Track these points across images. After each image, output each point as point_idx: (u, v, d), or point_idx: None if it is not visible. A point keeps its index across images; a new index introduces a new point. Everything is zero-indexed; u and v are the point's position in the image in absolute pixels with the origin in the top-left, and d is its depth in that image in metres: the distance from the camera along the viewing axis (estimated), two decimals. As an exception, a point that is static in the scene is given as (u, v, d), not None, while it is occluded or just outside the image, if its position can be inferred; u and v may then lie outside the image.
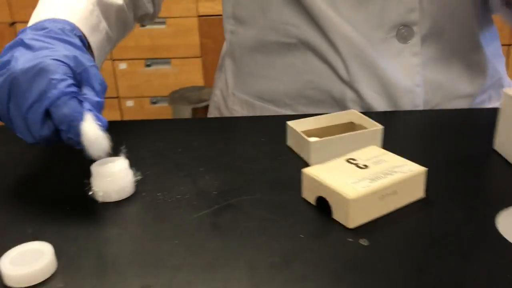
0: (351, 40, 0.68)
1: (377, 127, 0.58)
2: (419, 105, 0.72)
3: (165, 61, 2.39)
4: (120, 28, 0.70)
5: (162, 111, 2.46)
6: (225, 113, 0.84)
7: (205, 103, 2.23)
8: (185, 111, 2.22)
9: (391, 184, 0.46)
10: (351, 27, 0.68)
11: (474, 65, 0.74)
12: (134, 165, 0.53)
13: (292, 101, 0.76)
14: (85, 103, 0.47)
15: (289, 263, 0.41)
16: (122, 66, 2.39)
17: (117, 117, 2.48)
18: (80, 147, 0.48)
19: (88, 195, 0.51)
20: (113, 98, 2.44)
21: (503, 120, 0.56)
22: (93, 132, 0.47)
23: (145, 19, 0.79)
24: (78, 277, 0.41)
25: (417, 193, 0.49)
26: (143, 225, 0.47)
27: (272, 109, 0.77)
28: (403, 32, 0.68)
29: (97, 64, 0.58)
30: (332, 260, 0.41)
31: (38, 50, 0.49)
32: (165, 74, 2.40)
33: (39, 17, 0.55)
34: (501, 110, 0.57)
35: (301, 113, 0.74)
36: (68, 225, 0.47)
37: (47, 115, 0.47)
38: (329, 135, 0.61)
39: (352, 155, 0.51)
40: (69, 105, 0.46)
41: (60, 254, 0.43)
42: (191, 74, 2.40)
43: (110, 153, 0.49)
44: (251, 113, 0.79)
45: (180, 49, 2.36)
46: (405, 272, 0.40)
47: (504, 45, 2.07)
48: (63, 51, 0.49)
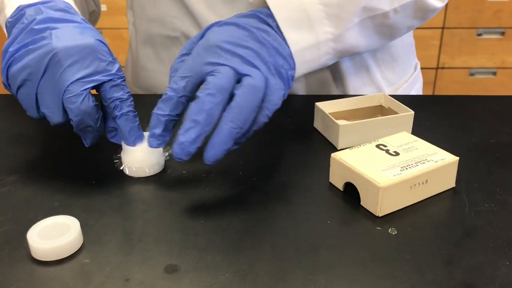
0: None
1: (409, 112, 0.56)
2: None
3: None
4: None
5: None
6: None
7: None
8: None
9: (422, 173, 0.45)
10: None
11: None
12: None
13: None
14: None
15: (315, 250, 0.41)
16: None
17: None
18: (113, 138, 0.50)
19: (115, 170, 0.51)
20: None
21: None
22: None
23: (93, 15, 0.79)
24: (104, 253, 0.41)
25: (448, 182, 0.48)
26: (169, 203, 0.47)
27: None
28: None
29: None
30: (359, 248, 0.41)
31: (75, 28, 0.48)
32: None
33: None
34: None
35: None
36: (94, 199, 0.47)
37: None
38: (357, 117, 0.60)
39: (382, 141, 0.50)
40: (120, 88, 0.48)
41: (86, 228, 0.43)
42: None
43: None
44: None
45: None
46: (434, 264, 0.39)
47: (436, 28, 1.98)
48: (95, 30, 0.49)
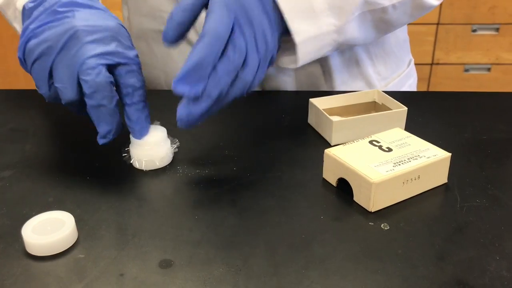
0: None
1: (402, 108, 0.57)
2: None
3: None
4: None
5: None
6: None
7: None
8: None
9: (415, 169, 0.45)
10: None
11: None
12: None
13: None
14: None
15: (308, 245, 0.41)
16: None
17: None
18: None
19: (110, 165, 0.52)
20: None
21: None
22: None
23: None
24: (98, 248, 0.41)
25: (441, 178, 0.48)
26: (163, 199, 0.47)
27: None
28: None
29: None
30: (352, 243, 0.41)
31: (99, 12, 0.49)
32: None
33: None
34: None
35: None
36: (88, 195, 0.47)
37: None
38: (350, 113, 0.60)
39: (375, 137, 0.50)
40: (135, 75, 0.48)
41: (80, 224, 0.43)
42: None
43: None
44: None
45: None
46: (426, 259, 0.40)
47: (431, 24, 1.98)
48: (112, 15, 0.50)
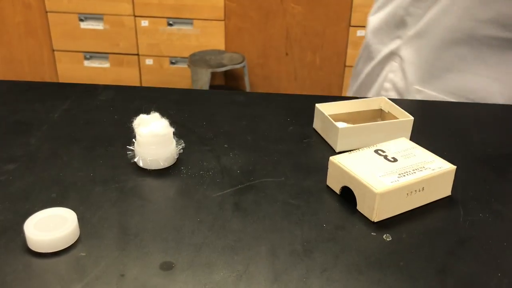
0: None
1: (408, 117, 0.57)
2: None
3: (187, 21, 2.35)
4: None
5: (180, 72, 2.45)
6: None
7: (224, 68, 2.21)
8: (204, 75, 2.20)
9: (419, 181, 0.45)
10: None
11: None
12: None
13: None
14: None
15: (310, 253, 0.41)
16: (144, 23, 2.36)
17: (136, 74, 2.46)
18: None
19: (113, 163, 0.51)
20: (133, 55, 2.42)
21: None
22: None
23: None
24: (100, 247, 0.41)
25: (444, 191, 0.48)
26: (166, 199, 0.47)
27: None
28: None
29: None
30: (353, 253, 0.41)
31: None
32: (187, 35, 2.37)
33: None
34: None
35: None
36: (91, 192, 0.47)
37: None
38: (356, 120, 0.60)
39: (381, 146, 0.50)
40: None
41: (82, 221, 0.43)
42: (212, 37, 2.37)
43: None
44: None
45: (203, 10, 2.32)
46: (427, 272, 0.40)
47: None
48: None
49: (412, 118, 0.57)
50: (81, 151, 0.54)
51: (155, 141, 0.50)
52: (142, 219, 0.44)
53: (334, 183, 0.48)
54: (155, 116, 0.51)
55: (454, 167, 0.48)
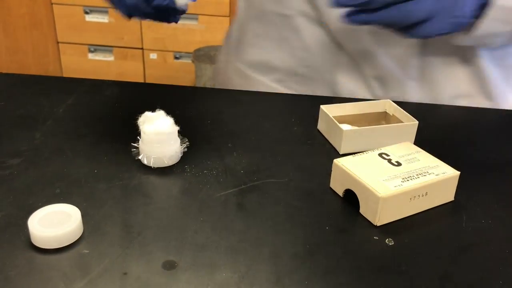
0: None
1: (413, 121, 0.56)
2: (408, 99, 0.70)
3: (192, 16, 2.35)
4: None
5: (184, 67, 2.44)
6: (224, 80, 0.82)
7: (228, 64, 2.20)
8: (208, 70, 2.20)
9: (423, 185, 0.45)
10: None
11: None
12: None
13: (286, 77, 0.74)
14: None
15: (312, 255, 0.41)
16: (149, 17, 2.36)
17: (139, 68, 2.46)
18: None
19: (118, 160, 0.52)
20: (138, 49, 2.42)
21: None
22: None
23: None
24: (103, 245, 0.41)
25: (448, 196, 0.48)
26: (170, 198, 0.47)
27: (266, 83, 0.75)
28: None
29: None
30: (356, 257, 0.41)
31: None
32: (191, 30, 2.37)
33: None
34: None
35: (294, 92, 0.73)
36: (95, 189, 0.47)
37: None
38: (361, 122, 0.60)
39: (385, 150, 0.50)
40: None
41: (86, 218, 0.43)
42: (217, 32, 2.36)
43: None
44: (244, 86, 0.77)
45: (209, 6, 2.31)
46: (429, 278, 0.40)
47: None
48: None
49: (416, 122, 0.57)
50: (85, 147, 0.54)
51: (160, 139, 0.50)
52: (145, 217, 0.44)
53: (337, 185, 0.49)
54: (160, 114, 0.51)
55: (458, 172, 0.48)
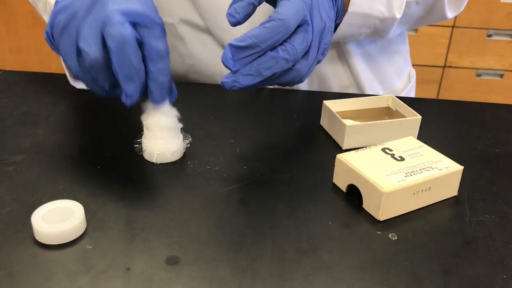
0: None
1: (416, 116, 0.56)
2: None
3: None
4: None
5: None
6: None
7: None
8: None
9: (426, 180, 0.45)
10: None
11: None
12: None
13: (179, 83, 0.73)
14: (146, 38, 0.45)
15: (315, 250, 0.41)
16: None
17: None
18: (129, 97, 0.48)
19: (121, 155, 0.52)
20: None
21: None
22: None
23: None
24: (106, 240, 0.41)
25: (451, 191, 0.48)
26: (173, 193, 0.47)
27: None
28: None
29: None
30: (359, 252, 0.41)
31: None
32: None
33: None
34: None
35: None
36: (98, 185, 0.47)
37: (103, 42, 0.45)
38: (364, 117, 0.60)
39: (388, 145, 0.50)
40: (163, 38, 0.45)
41: (89, 214, 0.43)
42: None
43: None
44: None
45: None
46: (432, 272, 0.40)
47: (446, 26, 1.94)
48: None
49: (420, 116, 0.56)
50: (88, 143, 0.54)
51: (163, 135, 0.50)
52: (148, 213, 0.44)
53: (340, 181, 0.48)
54: (163, 109, 0.51)
55: (461, 167, 0.48)
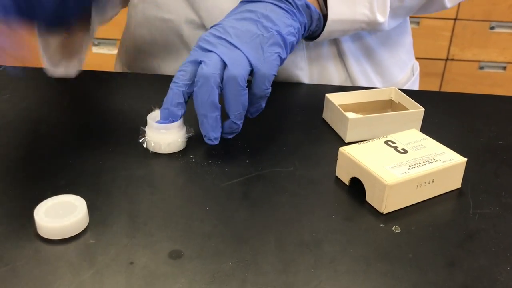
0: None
1: (419, 109, 0.56)
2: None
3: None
4: None
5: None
6: None
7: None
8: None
9: (429, 173, 0.45)
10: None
11: None
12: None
13: None
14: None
15: (318, 244, 0.41)
16: None
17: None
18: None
19: (123, 151, 0.52)
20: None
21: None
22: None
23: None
24: (109, 235, 0.41)
25: (454, 183, 0.48)
26: (175, 187, 0.47)
27: None
28: None
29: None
30: (362, 244, 0.41)
31: None
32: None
33: None
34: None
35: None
36: (100, 180, 0.47)
37: None
38: (366, 110, 0.60)
39: (391, 137, 0.50)
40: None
41: (91, 209, 0.43)
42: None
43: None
44: None
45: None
46: (436, 265, 0.39)
47: (449, 19, 1.93)
48: None
49: (422, 109, 0.56)
50: (90, 138, 0.54)
51: (165, 126, 0.50)
52: (151, 207, 0.44)
53: (343, 174, 0.48)
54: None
55: (464, 159, 0.47)
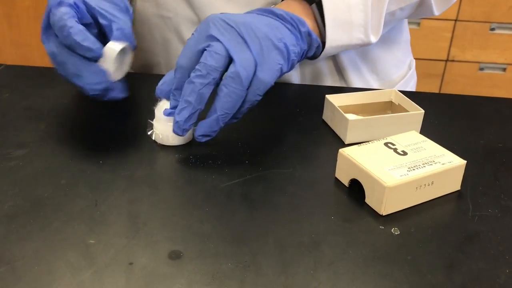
0: None
1: (419, 111, 0.56)
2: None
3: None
4: None
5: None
6: None
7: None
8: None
9: (429, 175, 0.45)
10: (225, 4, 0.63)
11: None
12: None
13: None
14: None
15: (318, 245, 0.41)
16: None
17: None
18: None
19: (123, 150, 0.52)
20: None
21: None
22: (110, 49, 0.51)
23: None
24: (109, 235, 0.41)
25: (454, 185, 0.48)
26: (175, 188, 0.47)
27: None
28: None
29: None
30: (361, 246, 0.41)
31: None
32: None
33: None
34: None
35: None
36: (100, 179, 0.47)
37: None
38: (366, 112, 0.60)
39: (391, 139, 0.50)
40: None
41: (91, 209, 0.43)
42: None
43: None
44: None
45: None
46: (435, 267, 0.40)
47: (449, 20, 1.94)
48: None
49: (422, 111, 0.56)
50: (90, 138, 0.54)
51: (168, 119, 0.51)
52: (151, 207, 0.44)
53: (342, 175, 0.48)
54: None
55: (464, 161, 0.47)
